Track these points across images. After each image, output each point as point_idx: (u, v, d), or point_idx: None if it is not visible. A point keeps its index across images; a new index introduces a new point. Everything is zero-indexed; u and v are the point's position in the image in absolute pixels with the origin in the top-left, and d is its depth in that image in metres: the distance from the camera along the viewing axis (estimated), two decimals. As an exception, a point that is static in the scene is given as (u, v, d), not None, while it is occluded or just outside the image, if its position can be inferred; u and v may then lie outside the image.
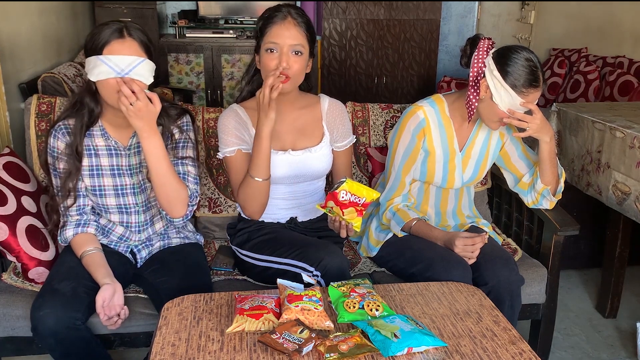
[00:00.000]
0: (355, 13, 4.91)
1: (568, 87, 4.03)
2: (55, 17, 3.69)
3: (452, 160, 2.02)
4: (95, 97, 1.78)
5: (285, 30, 1.79)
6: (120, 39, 1.68)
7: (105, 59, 1.66)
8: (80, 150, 1.80)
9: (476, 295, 1.64)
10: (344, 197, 1.61)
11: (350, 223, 1.64)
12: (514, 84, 1.80)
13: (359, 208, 1.62)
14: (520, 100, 1.80)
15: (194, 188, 1.86)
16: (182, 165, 1.86)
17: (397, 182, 2.02)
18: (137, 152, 1.86)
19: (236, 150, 1.88)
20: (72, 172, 1.80)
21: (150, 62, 1.72)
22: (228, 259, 2.08)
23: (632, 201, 2.23)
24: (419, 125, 1.97)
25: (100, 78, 1.67)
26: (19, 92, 2.95)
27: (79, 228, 1.83)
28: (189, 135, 1.89)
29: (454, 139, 2.02)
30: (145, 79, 1.69)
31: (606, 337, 2.56)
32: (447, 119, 2.00)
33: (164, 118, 1.84)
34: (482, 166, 2.08)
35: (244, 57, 4.89)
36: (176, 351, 1.35)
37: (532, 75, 1.80)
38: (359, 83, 5.10)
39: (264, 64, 1.81)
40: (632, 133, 2.22)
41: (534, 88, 1.81)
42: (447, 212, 2.12)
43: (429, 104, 2.00)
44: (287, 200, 1.99)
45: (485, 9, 5.51)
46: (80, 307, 1.68)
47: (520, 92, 1.80)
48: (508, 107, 1.83)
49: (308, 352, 1.33)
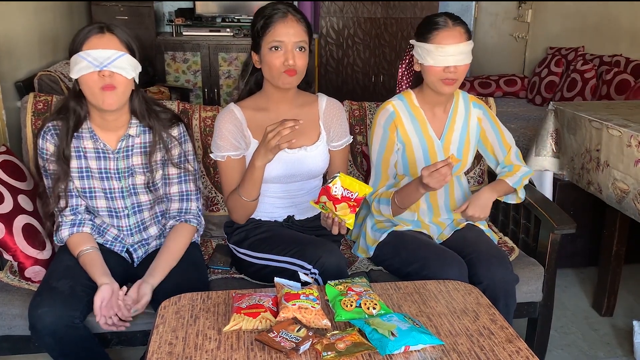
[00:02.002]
0: (352, 11, 4.91)
1: (565, 85, 4.03)
2: (51, 15, 3.68)
3: (431, 149, 2.03)
4: (80, 100, 1.77)
5: (290, 27, 1.79)
6: (99, 34, 1.68)
7: (84, 55, 1.66)
8: (67, 154, 1.79)
9: (473, 293, 1.65)
10: (336, 191, 1.61)
11: (342, 220, 1.64)
12: (425, 38, 1.91)
13: (351, 203, 1.62)
14: (433, 47, 1.88)
15: (196, 206, 1.89)
16: (185, 182, 1.89)
17: (379, 176, 2.04)
18: (125, 155, 1.84)
19: (226, 157, 1.88)
20: (61, 176, 1.79)
21: (131, 57, 1.71)
22: (225, 258, 2.08)
23: (630, 199, 2.24)
24: (389, 118, 2.01)
25: (81, 74, 1.66)
26: (15, 90, 2.94)
27: (74, 228, 1.82)
28: (188, 148, 1.90)
29: (428, 126, 2.03)
30: (126, 72, 1.68)
31: (603, 336, 2.56)
32: (417, 108, 2.04)
33: (154, 120, 1.83)
34: (465, 151, 2.08)
35: (240, 56, 4.88)
36: (173, 350, 1.35)
37: (431, 22, 1.91)
38: (356, 81, 5.10)
39: (269, 63, 1.80)
40: (628, 132, 2.23)
41: (437, 30, 1.89)
42: (439, 207, 2.11)
43: (398, 98, 2.06)
44: (284, 199, 1.99)
45: (483, 8, 5.52)
46: (79, 305, 1.67)
47: (429, 40, 1.89)
48: (435, 61, 1.89)
49: (305, 351, 1.33)
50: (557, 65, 4.26)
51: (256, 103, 1.93)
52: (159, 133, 1.83)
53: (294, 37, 1.78)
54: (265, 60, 1.81)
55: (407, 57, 2.08)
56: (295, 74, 1.81)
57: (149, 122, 1.82)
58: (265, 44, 1.80)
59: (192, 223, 1.89)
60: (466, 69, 1.94)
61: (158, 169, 1.86)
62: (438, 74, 1.91)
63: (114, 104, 1.70)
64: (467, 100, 2.09)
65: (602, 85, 3.66)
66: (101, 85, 1.67)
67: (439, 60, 1.88)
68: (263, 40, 1.81)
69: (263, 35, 1.80)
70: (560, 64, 4.25)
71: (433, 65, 1.90)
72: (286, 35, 1.78)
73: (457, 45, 1.87)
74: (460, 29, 1.90)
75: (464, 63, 1.90)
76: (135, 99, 1.79)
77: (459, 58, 1.88)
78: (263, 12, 1.83)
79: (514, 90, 4.68)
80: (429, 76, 1.94)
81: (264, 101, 1.92)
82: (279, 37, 1.78)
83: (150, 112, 1.83)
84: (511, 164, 2.09)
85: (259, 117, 1.91)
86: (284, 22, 1.79)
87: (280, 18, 1.79)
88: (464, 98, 2.09)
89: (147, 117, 1.82)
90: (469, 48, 1.91)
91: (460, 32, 1.90)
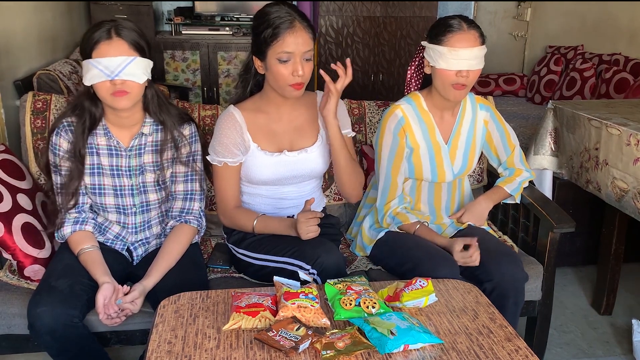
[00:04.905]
0: (351, 10, 4.90)
1: (564, 84, 4.03)
2: (50, 14, 3.68)
3: (438, 154, 2.02)
4: (94, 100, 1.78)
5: (298, 37, 1.75)
6: (107, 40, 1.67)
7: (95, 63, 1.67)
8: (83, 154, 1.80)
9: (472, 292, 1.65)
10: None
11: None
12: (438, 41, 1.88)
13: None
14: (446, 49, 1.85)
15: (199, 207, 1.91)
16: (191, 182, 1.89)
17: (388, 183, 2.01)
18: (138, 154, 1.85)
19: (223, 163, 1.88)
20: (75, 175, 1.80)
21: (142, 59, 1.71)
22: (225, 257, 2.07)
23: (630, 198, 2.24)
24: (399, 124, 1.98)
25: (93, 82, 1.68)
26: (14, 89, 2.93)
27: (76, 225, 1.82)
28: (197, 148, 1.91)
29: (436, 131, 2.02)
30: (137, 78, 1.69)
31: (601, 334, 2.57)
32: (426, 112, 2.01)
33: (165, 115, 1.83)
34: (471, 155, 2.07)
35: (240, 54, 4.88)
36: (172, 349, 1.35)
37: (445, 25, 1.88)
38: (355, 80, 5.07)
39: (276, 73, 1.78)
40: (628, 130, 2.23)
41: (451, 33, 1.86)
42: (441, 209, 2.12)
43: (406, 102, 2.03)
44: (285, 200, 1.99)
45: (482, 7, 5.51)
46: (78, 304, 1.67)
47: (442, 42, 1.86)
48: (448, 65, 1.86)
49: (304, 350, 1.33)
50: (557, 63, 4.26)
51: (256, 105, 1.92)
52: (170, 129, 1.84)
53: (302, 46, 1.76)
54: (272, 70, 1.79)
55: (417, 59, 2.06)
56: (302, 87, 1.81)
57: (160, 116, 1.83)
58: (272, 53, 1.76)
59: (192, 224, 1.89)
60: (477, 74, 1.90)
61: (169, 167, 1.87)
62: (450, 78, 1.87)
63: (128, 104, 1.73)
64: (474, 102, 2.08)
65: (601, 84, 3.66)
66: (113, 91, 1.68)
67: (452, 63, 1.84)
68: (270, 50, 1.77)
69: (270, 44, 1.76)
70: (559, 62, 4.25)
71: (445, 68, 1.86)
72: (295, 45, 1.75)
73: (471, 50, 1.84)
74: (475, 33, 1.87)
75: (477, 68, 1.87)
76: (147, 93, 1.80)
77: (473, 63, 1.85)
78: (268, 18, 1.77)
79: (513, 89, 4.68)
80: (439, 80, 1.90)
81: (264, 103, 1.92)
82: (288, 48, 1.75)
83: (162, 106, 1.84)
84: (513, 167, 2.08)
85: (259, 120, 1.91)
86: (292, 32, 1.75)
87: (288, 28, 1.75)
88: (471, 100, 2.08)
89: (158, 112, 1.83)
90: (482, 53, 1.88)
91: (475, 35, 1.87)
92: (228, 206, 1.93)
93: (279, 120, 1.92)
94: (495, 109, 2.13)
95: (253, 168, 1.90)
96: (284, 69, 1.77)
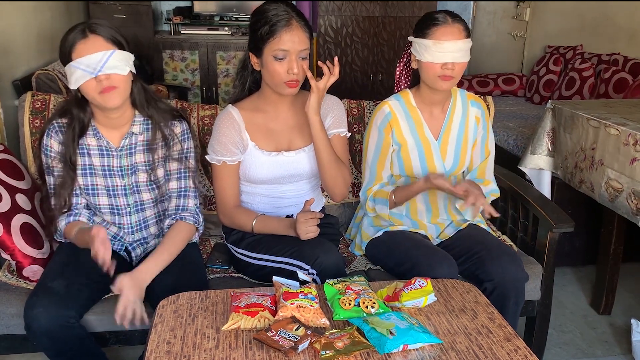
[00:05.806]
0: (350, 10, 4.91)
1: (563, 84, 4.04)
2: (49, 14, 3.68)
3: (428, 150, 2.03)
4: (82, 107, 1.78)
5: (295, 35, 1.76)
6: (83, 39, 1.67)
7: (76, 64, 1.67)
8: (73, 161, 1.79)
9: (471, 292, 1.65)
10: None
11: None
12: (423, 34, 1.90)
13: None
14: (431, 42, 1.87)
15: (194, 204, 1.89)
16: (184, 179, 1.88)
17: (373, 177, 2.04)
18: (129, 153, 1.84)
19: (222, 162, 1.89)
20: (67, 181, 1.80)
21: (121, 52, 1.70)
22: (224, 257, 2.07)
23: (624, 198, 2.24)
24: (385, 119, 2.00)
25: (79, 84, 1.68)
26: (12, 89, 2.94)
27: (70, 217, 1.82)
28: (190, 146, 1.90)
29: (424, 127, 2.03)
30: (120, 70, 1.69)
31: (601, 334, 2.57)
32: (414, 108, 2.03)
33: (152, 110, 1.83)
34: (463, 152, 2.07)
35: (239, 54, 4.88)
36: (171, 349, 1.35)
37: (430, 18, 1.91)
38: (354, 80, 5.10)
39: (272, 70, 1.78)
40: (626, 130, 2.23)
41: (436, 26, 1.89)
42: (438, 207, 2.11)
43: (395, 98, 2.05)
44: (284, 199, 1.99)
45: (481, 7, 5.51)
46: (74, 305, 1.67)
47: (428, 35, 1.89)
48: (433, 57, 1.88)
49: (304, 350, 1.33)
50: (556, 63, 4.26)
51: (254, 104, 1.93)
52: (158, 123, 1.84)
53: (299, 45, 1.77)
54: (268, 67, 1.80)
55: (405, 55, 2.07)
56: (297, 85, 1.81)
57: (148, 111, 1.83)
58: (268, 51, 1.77)
59: (188, 221, 1.88)
60: (463, 67, 1.92)
61: (161, 165, 1.87)
62: (435, 71, 1.89)
63: (118, 101, 1.72)
64: (465, 98, 2.08)
65: (600, 84, 3.66)
66: (100, 89, 1.68)
67: (437, 56, 1.87)
68: (266, 47, 1.78)
69: (267, 41, 1.77)
70: (558, 62, 4.25)
71: (431, 61, 1.88)
72: (291, 43, 1.76)
73: (455, 42, 1.87)
74: (460, 26, 1.89)
75: (462, 60, 1.89)
76: (134, 89, 1.80)
77: (457, 55, 1.87)
78: (265, 15, 1.78)
79: (513, 89, 4.68)
80: (426, 72, 1.93)
81: (262, 102, 1.92)
82: (284, 45, 1.75)
83: (150, 100, 1.84)
84: (482, 177, 2.09)
85: (257, 119, 1.91)
86: (289, 29, 1.76)
87: (285, 25, 1.76)
88: (461, 96, 2.08)
89: (146, 106, 1.83)
90: (467, 46, 1.90)
91: (459, 29, 1.89)
92: (227, 205, 1.93)
93: (276, 119, 1.92)
94: (487, 109, 2.12)
95: (251, 167, 1.91)
96: (279, 66, 1.77)
